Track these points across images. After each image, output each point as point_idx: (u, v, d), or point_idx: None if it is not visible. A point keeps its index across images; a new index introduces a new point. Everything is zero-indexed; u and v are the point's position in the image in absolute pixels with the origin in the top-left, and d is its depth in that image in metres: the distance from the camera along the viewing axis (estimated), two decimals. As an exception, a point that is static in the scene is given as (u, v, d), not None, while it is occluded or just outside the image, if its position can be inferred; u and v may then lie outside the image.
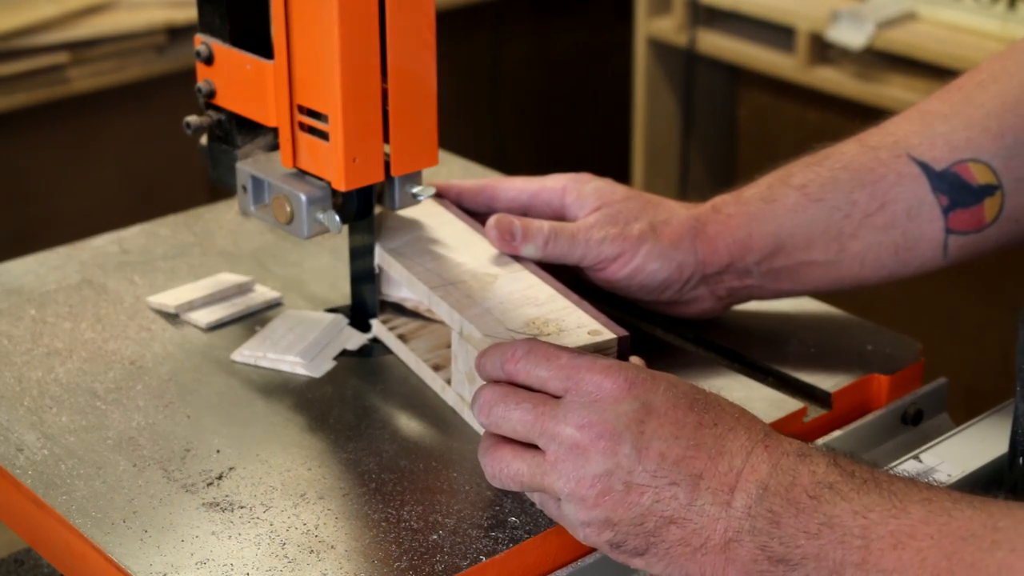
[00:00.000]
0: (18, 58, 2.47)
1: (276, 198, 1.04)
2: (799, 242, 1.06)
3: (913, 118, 1.09)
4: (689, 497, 0.83)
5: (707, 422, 0.85)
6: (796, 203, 1.06)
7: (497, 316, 0.98)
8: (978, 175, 1.05)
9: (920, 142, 1.07)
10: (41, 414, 1.00)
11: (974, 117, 1.07)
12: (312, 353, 1.07)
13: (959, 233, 1.06)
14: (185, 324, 1.12)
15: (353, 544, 0.87)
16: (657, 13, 2.87)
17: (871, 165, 1.07)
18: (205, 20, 1.07)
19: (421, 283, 1.02)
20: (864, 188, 1.06)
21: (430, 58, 1.02)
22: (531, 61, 3.32)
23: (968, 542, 0.77)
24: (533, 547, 0.88)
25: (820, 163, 1.08)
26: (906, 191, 1.06)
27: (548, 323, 0.97)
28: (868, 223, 1.06)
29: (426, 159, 1.05)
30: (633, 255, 1.06)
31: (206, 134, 1.11)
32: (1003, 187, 1.06)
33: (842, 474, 0.82)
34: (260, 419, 1.00)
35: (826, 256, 1.07)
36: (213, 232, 1.27)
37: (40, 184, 2.62)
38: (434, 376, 1.03)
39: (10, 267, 1.21)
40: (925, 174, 1.06)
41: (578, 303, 0.99)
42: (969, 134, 1.06)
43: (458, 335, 0.98)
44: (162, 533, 0.88)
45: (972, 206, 1.06)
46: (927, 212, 1.06)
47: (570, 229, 1.06)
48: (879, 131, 1.09)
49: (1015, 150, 1.05)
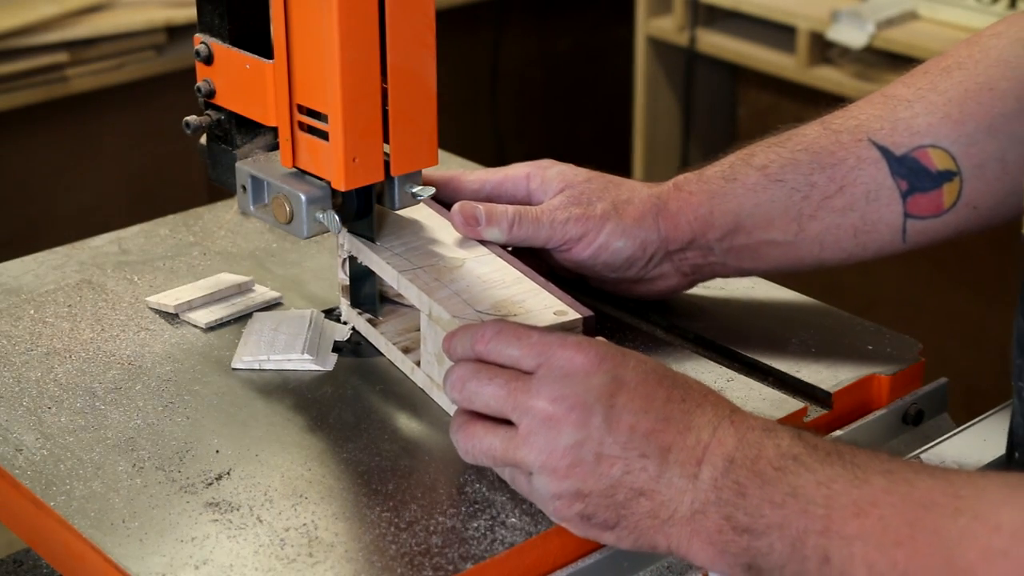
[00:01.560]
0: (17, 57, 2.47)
1: (276, 198, 1.04)
2: (759, 221, 1.08)
3: (876, 102, 1.11)
4: (658, 469, 0.85)
5: (676, 397, 0.87)
6: (756, 183, 1.08)
7: (465, 298, 1.00)
8: (937, 161, 1.07)
9: (882, 127, 1.08)
10: (40, 414, 1.00)
11: (936, 103, 1.08)
12: (315, 348, 1.07)
13: (917, 218, 1.08)
14: (184, 324, 1.12)
15: (353, 544, 0.87)
16: (657, 12, 2.86)
17: (832, 148, 1.08)
18: (205, 20, 1.07)
19: (390, 267, 1.04)
20: (824, 170, 1.08)
21: (430, 58, 1.01)
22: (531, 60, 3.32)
23: (930, 510, 0.79)
24: (533, 547, 0.88)
25: (782, 144, 1.10)
26: (865, 175, 1.08)
27: (515, 304, 0.99)
28: (827, 205, 1.08)
29: (426, 159, 1.05)
30: (597, 234, 1.07)
31: (206, 134, 1.11)
32: (962, 173, 1.07)
33: (806, 447, 0.84)
34: (259, 419, 1.00)
35: (785, 236, 1.08)
36: (213, 232, 1.27)
37: (39, 184, 2.62)
38: (404, 358, 1.05)
39: (9, 267, 1.21)
40: (885, 158, 1.07)
41: (544, 285, 1.02)
42: (930, 120, 1.07)
43: (427, 317, 1.00)
44: (161, 533, 0.88)
45: (930, 191, 1.07)
46: (886, 196, 1.07)
47: (534, 212, 1.08)
48: (843, 114, 1.11)
49: (975, 137, 1.07)
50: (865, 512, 0.80)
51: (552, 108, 3.38)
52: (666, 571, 0.91)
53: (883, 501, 0.80)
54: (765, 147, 1.10)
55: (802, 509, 0.82)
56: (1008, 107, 1.07)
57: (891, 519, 0.79)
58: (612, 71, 3.32)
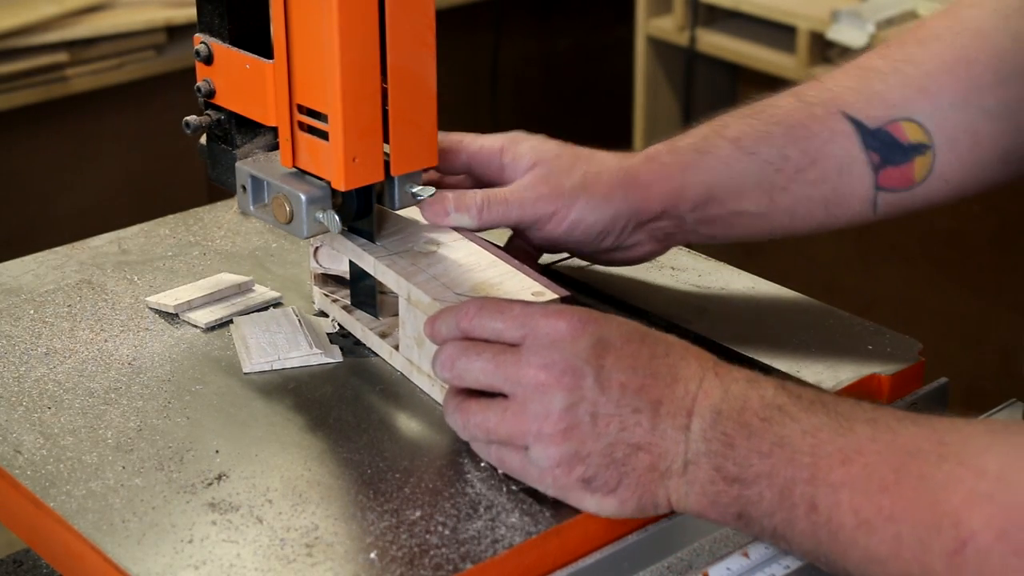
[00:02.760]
0: (17, 57, 2.47)
1: (276, 198, 1.04)
2: (731, 193, 1.09)
3: (852, 74, 1.11)
4: (652, 422, 0.87)
5: (659, 353, 0.89)
6: (729, 155, 1.09)
7: (443, 282, 1.01)
8: (910, 134, 1.08)
9: (856, 100, 1.09)
10: (40, 414, 1.00)
11: (911, 76, 1.09)
12: (318, 342, 1.08)
13: (888, 190, 1.09)
14: (184, 324, 1.12)
15: (353, 544, 0.87)
16: (657, 13, 2.87)
17: (805, 121, 1.09)
18: (205, 20, 1.07)
19: (367, 254, 1.05)
20: (796, 144, 1.08)
21: (430, 58, 1.01)
22: (531, 61, 3.32)
23: (915, 456, 0.80)
24: (533, 547, 0.88)
25: (756, 115, 1.10)
26: (838, 148, 1.08)
27: (493, 287, 1.01)
28: (799, 178, 1.08)
29: (426, 159, 1.05)
30: (568, 211, 1.07)
31: (206, 134, 1.11)
32: (934, 147, 1.08)
33: (790, 397, 0.86)
34: (259, 419, 1.00)
35: (757, 207, 1.09)
36: (213, 232, 1.27)
37: (39, 184, 2.62)
38: (381, 343, 1.07)
39: (9, 267, 1.21)
40: (858, 131, 1.08)
41: (519, 267, 1.03)
42: (905, 93, 1.08)
43: (406, 301, 1.02)
44: (161, 534, 0.88)
45: (902, 164, 1.08)
46: (858, 169, 1.08)
47: (502, 194, 1.08)
48: (817, 85, 1.11)
49: (949, 111, 1.07)
50: (851, 460, 0.81)
51: (552, 108, 3.38)
52: (666, 571, 0.91)
53: (868, 449, 0.81)
54: (738, 118, 1.11)
55: (789, 458, 0.83)
56: (983, 80, 1.07)
57: (876, 466, 0.80)
58: (612, 71, 3.32)
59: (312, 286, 1.15)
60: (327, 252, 1.13)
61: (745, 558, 0.91)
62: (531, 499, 0.91)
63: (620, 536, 0.91)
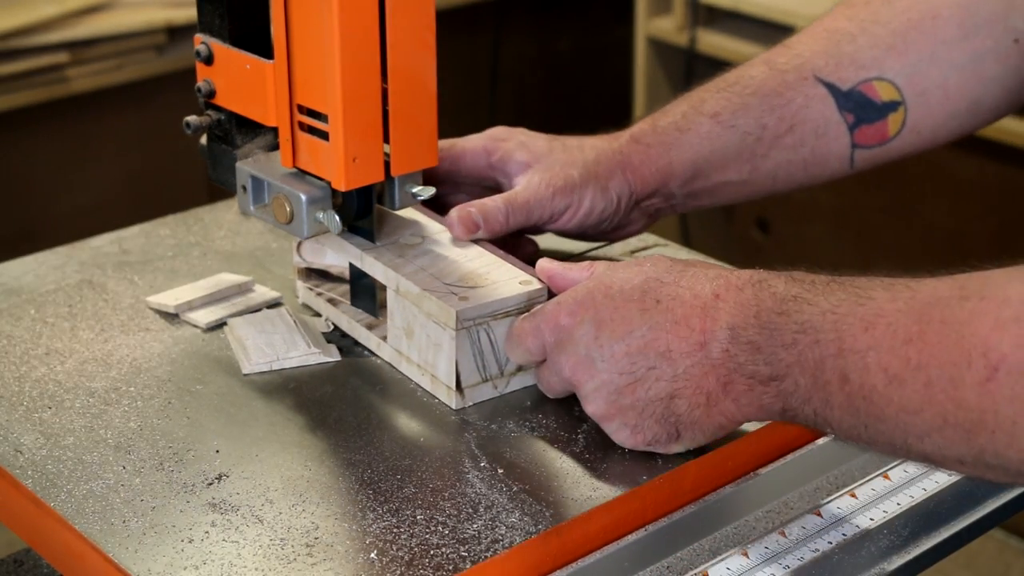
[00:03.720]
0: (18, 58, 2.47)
1: (276, 198, 1.04)
2: (715, 166, 1.14)
3: (820, 37, 1.15)
4: (671, 370, 0.91)
5: (649, 304, 0.92)
6: (710, 131, 1.13)
7: (431, 272, 1.03)
8: (882, 92, 1.12)
9: (826, 63, 1.13)
10: (40, 414, 1.00)
11: (880, 35, 1.13)
12: (316, 341, 1.08)
13: (864, 147, 1.14)
14: (184, 324, 1.12)
15: (353, 544, 0.87)
16: (657, 13, 2.86)
17: (779, 89, 1.13)
18: (205, 20, 1.07)
19: (354, 247, 1.07)
20: (773, 112, 1.13)
21: (430, 58, 1.02)
22: (531, 61, 3.32)
23: (935, 305, 0.80)
24: (533, 547, 0.88)
25: (731, 88, 1.15)
26: (814, 112, 1.13)
27: (481, 276, 1.03)
28: (778, 144, 1.13)
29: (426, 159, 1.05)
30: (580, 202, 1.12)
31: (206, 134, 1.11)
32: (906, 102, 1.13)
33: (803, 285, 0.88)
34: (259, 419, 1.00)
35: (740, 176, 1.14)
36: (213, 232, 1.27)
37: (40, 184, 2.62)
38: (368, 335, 1.08)
39: (10, 267, 1.21)
40: (832, 94, 1.13)
41: (504, 257, 1.06)
42: (875, 53, 1.12)
43: (394, 293, 1.03)
44: (161, 534, 0.88)
45: (876, 122, 1.13)
46: (834, 130, 1.13)
47: (522, 197, 1.10)
48: (786, 51, 1.16)
49: (918, 67, 1.12)
50: (873, 324, 0.82)
51: (552, 108, 3.37)
52: (666, 571, 0.91)
53: (888, 309, 0.82)
54: (714, 92, 1.15)
55: (813, 340, 0.85)
56: (950, 34, 1.11)
57: (899, 323, 0.81)
58: (612, 71, 3.31)
59: (296, 280, 1.15)
60: (310, 246, 1.14)
61: (745, 558, 0.91)
62: (531, 499, 0.91)
63: (620, 536, 0.91)
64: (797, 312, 0.86)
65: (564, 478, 0.93)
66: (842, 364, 0.82)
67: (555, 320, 0.95)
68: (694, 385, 0.91)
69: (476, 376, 1.01)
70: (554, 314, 0.96)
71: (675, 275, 0.93)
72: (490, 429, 0.98)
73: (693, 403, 0.91)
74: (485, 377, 1.01)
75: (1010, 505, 0.99)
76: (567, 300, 0.95)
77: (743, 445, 0.97)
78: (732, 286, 0.91)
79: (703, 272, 0.93)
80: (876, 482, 0.97)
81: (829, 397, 0.84)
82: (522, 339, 0.98)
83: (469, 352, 1.00)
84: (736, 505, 0.96)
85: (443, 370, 1.01)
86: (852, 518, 0.94)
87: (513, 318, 1.00)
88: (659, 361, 0.91)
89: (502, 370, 1.02)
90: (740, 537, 0.94)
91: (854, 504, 0.96)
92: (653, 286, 0.93)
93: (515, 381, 1.03)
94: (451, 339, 0.99)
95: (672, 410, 0.92)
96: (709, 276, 0.92)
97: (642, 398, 0.92)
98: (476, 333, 1.00)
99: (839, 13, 1.16)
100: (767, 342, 0.87)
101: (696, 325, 0.90)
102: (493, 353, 1.01)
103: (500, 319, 1.00)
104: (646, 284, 0.93)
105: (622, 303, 0.93)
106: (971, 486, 0.98)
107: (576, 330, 0.94)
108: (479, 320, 0.99)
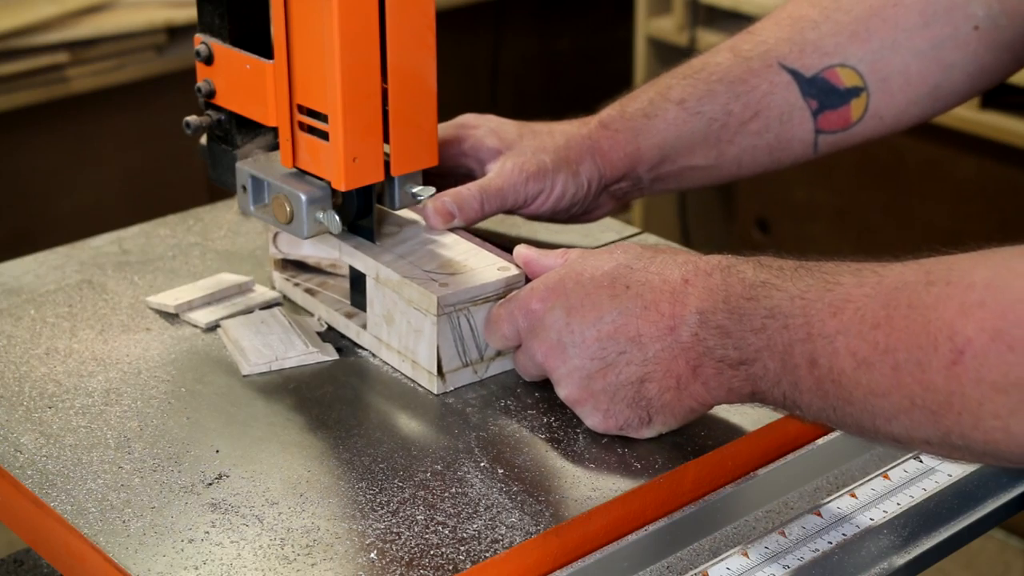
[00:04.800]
0: (18, 58, 2.47)
1: (276, 198, 1.04)
2: (681, 151, 1.16)
3: (784, 24, 1.18)
4: (640, 354, 0.92)
5: (619, 290, 0.94)
6: (676, 117, 1.16)
7: (410, 260, 1.04)
8: (845, 79, 1.15)
9: (790, 50, 1.16)
10: (40, 414, 1.00)
11: (843, 23, 1.15)
12: (312, 341, 1.08)
13: (828, 133, 1.17)
14: (184, 324, 1.12)
15: (353, 544, 0.87)
16: (657, 13, 2.86)
17: (744, 76, 1.16)
18: (205, 20, 1.07)
19: (333, 237, 1.07)
20: (739, 99, 1.15)
21: (430, 58, 1.02)
22: (531, 61, 3.32)
23: (902, 290, 0.81)
24: (533, 547, 0.88)
25: (696, 75, 1.17)
26: (778, 98, 1.15)
27: (459, 264, 1.05)
28: (743, 130, 1.16)
29: (426, 159, 1.05)
30: (553, 187, 1.13)
31: (206, 134, 1.11)
32: (868, 88, 1.15)
33: (771, 271, 0.89)
34: (260, 419, 1.00)
35: (706, 161, 1.17)
36: (213, 232, 1.27)
37: (40, 184, 2.62)
38: (347, 323, 1.10)
39: (10, 267, 1.21)
40: (796, 81, 1.15)
41: (481, 244, 1.08)
42: (838, 40, 1.15)
43: (374, 281, 1.05)
44: (161, 534, 0.88)
45: (840, 107, 1.16)
46: (798, 116, 1.16)
47: (496, 184, 1.12)
48: (750, 38, 1.18)
49: (880, 53, 1.15)
50: (841, 309, 0.83)
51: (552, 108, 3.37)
52: (666, 571, 0.91)
53: (856, 295, 0.83)
54: (680, 79, 1.18)
55: (782, 325, 0.86)
56: (911, 21, 1.14)
57: (867, 308, 0.82)
58: (612, 71, 3.31)
59: (271, 271, 1.16)
60: (286, 238, 1.14)
61: (745, 558, 0.91)
62: (531, 499, 0.91)
63: (620, 536, 0.91)
64: (766, 297, 0.87)
65: (564, 478, 0.93)
66: (811, 348, 0.84)
67: (527, 306, 0.97)
68: (664, 368, 0.92)
69: (457, 361, 1.02)
70: (527, 300, 0.98)
71: (644, 261, 0.95)
72: (490, 429, 0.98)
73: (663, 386, 0.93)
74: (466, 362, 1.03)
75: (1010, 505, 0.99)
76: (539, 287, 0.97)
77: (743, 445, 0.97)
78: (701, 271, 0.92)
79: (672, 258, 0.94)
80: (876, 482, 0.97)
81: (798, 381, 0.85)
82: (498, 325, 1.00)
83: (450, 337, 1.01)
84: (736, 505, 0.96)
85: (424, 356, 1.02)
86: (852, 518, 0.94)
87: (492, 303, 1.02)
88: (629, 346, 0.93)
89: (482, 355, 1.03)
90: (740, 537, 0.94)
91: (854, 504, 0.96)
92: (623, 272, 0.94)
93: (495, 366, 1.04)
94: (432, 325, 1.01)
95: (643, 394, 0.93)
96: (678, 261, 0.94)
97: (613, 382, 0.94)
98: (456, 319, 1.01)
99: (803, 0, 1.19)
100: (736, 327, 0.88)
101: (665, 310, 0.92)
102: (473, 338, 1.03)
103: (480, 305, 1.02)
104: (616, 271, 0.95)
105: (592, 289, 0.94)
106: (971, 486, 0.98)
107: (548, 316, 0.96)
108: (459, 306, 1.01)
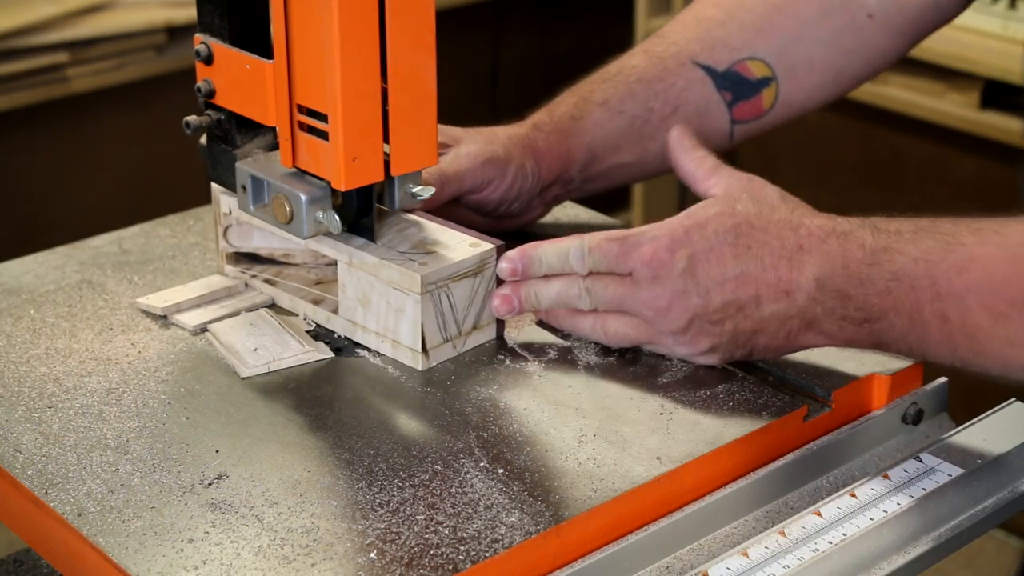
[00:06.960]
0: (17, 58, 2.47)
1: (276, 198, 1.04)
2: (609, 149, 1.22)
3: (690, 25, 1.26)
4: (757, 311, 0.99)
5: (741, 249, 0.99)
6: (601, 117, 1.22)
7: (382, 244, 1.06)
8: (756, 70, 1.24)
9: (701, 48, 1.24)
10: (40, 414, 1.00)
11: (747, 21, 1.24)
12: (305, 340, 1.08)
13: (742, 122, 1.25)
14: (184, 324, 1.12)
15: (353, 544, 0.87)
16: (657, 13, 2.86)
17: (661, 75, 1.23)
18: (205, 20, 1.07)
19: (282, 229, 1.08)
20: (658, 96, 1.23)
21: (430, 58, 1.02)
22: (531, 61, 3.32)
23: None
24: (533, 547, 0.88)
25: (614, 77, 1.24)
26: (694, 94, 1.23)
27: (431, 244, 1.07)
28: (664, 125, 1.21)
29: (426, 159, 1.05)
30: (504, 175, 1.17)
31: (206, 134, 1.11)
32: (777, 78, 1.24)
33: (889, 236, 0.95)
34: (259, 419, 1.00)
35: (632, 157, 1.23)
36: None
37: (39, 184, 2.62)
38: (316, 309, 1.11)
39: (9, 267, 1.21)
40: (709, 76, 1.23)
41: (448, 224, 1.09)
42: (744, 36, 1.23)
43: (347, 265, 1.06)
44: (161, 534, 0.88)
45: (752, 97, 1.24)
46: (714, 108, 1.24)
47: (453, 167, 1.15)
48: (661, 40, 1.26)
49: (785, 45, 1.24)
50: (967, 268, 0.90)
51: (552, 108, 3.37)
52: (666, 571, 0.91)
53: (979, 253, 0.90)
54: (600, 83, 1.24)
55: (909, 287, 0.93)
56: (810, 15, 1.23)
57: (993, 266, 0.88)
58: (612, 71, 3.31)
59: (223, 265, 1.16)
60: (237, 231, 1.15)
61: (745, 558, 0.91)
62: (531, 499, 0.91)
63: (620, 536, 0.91)
64: (889, 262, 0.94)
65: (564, 478, 0.93)
66: (941, 307, 0.90)
67: (655, 254, 1.00)
68: (777, 325, 0.99)
69: (439, 337, 1.05)
70: (653, 249, 1.00)
71: (763, 220, 1.00)
72: (490, 429, 0.98)
73: (773, 337, 1.00)
74: (446, 337, 1.06)
75: (1010, 505, 0.99)
76: (663, 236, 1.01)
77: (743, 445, 0.97)
78: (815, 236, 0.98)
79: (787, 219, 0.99)
80: (876, 482, 0.97)
81: (927, 335, 0.93)
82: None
83: (433, 314, 1.04)
84: (736, 505, 0.96)
85: (406, 334, 1.04)
86: (852, 518, 0.94)
87: (470, 279, 1.04)
88: (748, 302, 0.99)
89: (460, 329, 1.06)
90: (740, 537, 0.94)
91: (854, 504, 0.96)
92: (745, 231, 0.99)
93: (471, 340, 1.07)
94: (416, 303, 1.03)
95: (753, 341, 1.01)
96: (792, 225, 0.99)
97: (729, 330, 1.00)
98: (438, 296, 1.04)
99: (706, 2, 1.26)
100: (858, 290, 0.95)
101: (783, 275, 0.98)
102: (452, 314, 1.05)
103: (458, 280, 1.04)
104: (739, 228, 1.00)
105: (717, 244, 1.00)
106: (971, 486, 0.98)
107: (672, 268, 1.00)
108: (440, 283, 1.03)
